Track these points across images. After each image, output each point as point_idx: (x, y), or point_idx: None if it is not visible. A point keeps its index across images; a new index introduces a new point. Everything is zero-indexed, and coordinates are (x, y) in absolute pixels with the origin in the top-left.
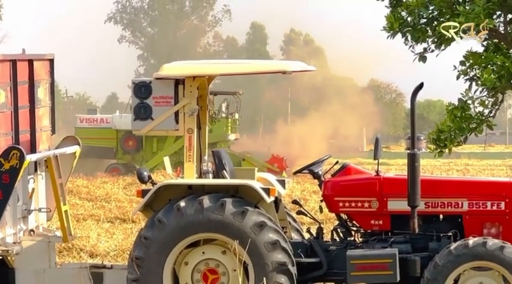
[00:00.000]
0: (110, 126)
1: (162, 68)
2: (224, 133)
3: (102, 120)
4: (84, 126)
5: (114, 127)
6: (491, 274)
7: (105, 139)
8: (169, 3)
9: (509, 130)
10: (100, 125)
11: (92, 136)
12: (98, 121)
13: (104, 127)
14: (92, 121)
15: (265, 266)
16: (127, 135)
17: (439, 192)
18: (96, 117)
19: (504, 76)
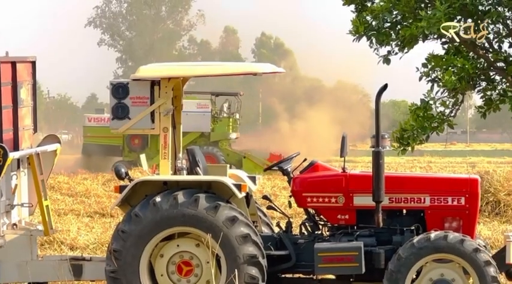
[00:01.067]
0: None
1: (139, 69)
2: (226, 132)
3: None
4: (92, 124)
5: None
6: (451, 266)
7: (112, 138)
8: (146, 9)
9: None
10: (107, 124)
11: (100, 134)
12: (105, 120)
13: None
14: (100, 120)
15: (237, 259)
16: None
17: (402, 187)
18: (103, 116)
19: (464, 78)
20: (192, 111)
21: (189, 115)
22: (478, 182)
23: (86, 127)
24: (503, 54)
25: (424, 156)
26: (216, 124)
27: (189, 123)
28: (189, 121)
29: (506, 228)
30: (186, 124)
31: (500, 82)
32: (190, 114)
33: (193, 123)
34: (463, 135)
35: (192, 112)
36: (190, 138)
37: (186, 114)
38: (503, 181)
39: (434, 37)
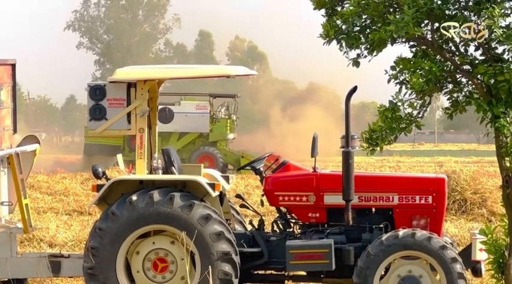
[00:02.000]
0: None
1: (116, 72)
2: (224, 132)
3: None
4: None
5: None
6: (419, 262)
7: (112, 138)
8: (123, 13)
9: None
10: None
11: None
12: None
13: None
14: None
15: (211, 256)
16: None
17: (371, 186)
18: None
19: (431, 80)
20: (191, 112)
21: (188, 116)
22: (444, 181)
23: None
24: (469, 57)
25: (393, 155)
26: (215, 125)
27: (188, 123)
28: (188, 122)
29: (472, 226)
30: (185, 125)
31: (467, 84)
32: (190, 115)
33: (192, 123)
34: (431, 136)
35: (191, 113)
36: (189, 138)
37: (185, 115)
38: (469, 180)
39: (403, 40)
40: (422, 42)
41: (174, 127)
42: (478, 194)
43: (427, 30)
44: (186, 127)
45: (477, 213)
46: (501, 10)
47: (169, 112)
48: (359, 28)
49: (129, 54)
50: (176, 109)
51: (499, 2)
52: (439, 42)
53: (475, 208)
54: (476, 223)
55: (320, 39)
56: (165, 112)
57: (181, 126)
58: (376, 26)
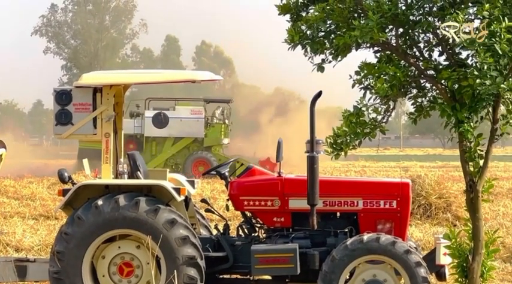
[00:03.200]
0: None
1: (82, 77)
2: (218, 137)
3: None
4: None
5: None
6: (383, 267)
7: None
8: (90, 18)
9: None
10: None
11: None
12: None
13: None
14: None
15: (176, 260)
16: (128, 138)
17: (336, 191)
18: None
19: (396, 86)
20: (186, 117)
21: (183, 121)
22: (409, 186)
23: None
24: (433, 63)
25: (359, 160)
26: (209, 130)
27: (183, 128)
28: (183, 127)
29: (436, 230)
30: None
31: (431, 89)
32: (185, 120)
33: (187, 128)
34: (396, 140)
35: (186, 118)
36: (184, 143)
37: (180, 119)
38: (434, 185)
39: (367, 46)
40: (387, 47)
41: (169, 132)
42: (442, 198)
43: (392, 36)
44: (180, 132)
45: (442, 218)
46: (465, 16)
47: (164, 117)
48: (324, 33)
49: (96, 59)
50: (171, 114)
51: (463, 8)
52: (404, 48)
53: (440, 213)
54: (440, 228)
55: (285, 44)
56: (160, 117)
57: (176, 131)
58: (341, 31)
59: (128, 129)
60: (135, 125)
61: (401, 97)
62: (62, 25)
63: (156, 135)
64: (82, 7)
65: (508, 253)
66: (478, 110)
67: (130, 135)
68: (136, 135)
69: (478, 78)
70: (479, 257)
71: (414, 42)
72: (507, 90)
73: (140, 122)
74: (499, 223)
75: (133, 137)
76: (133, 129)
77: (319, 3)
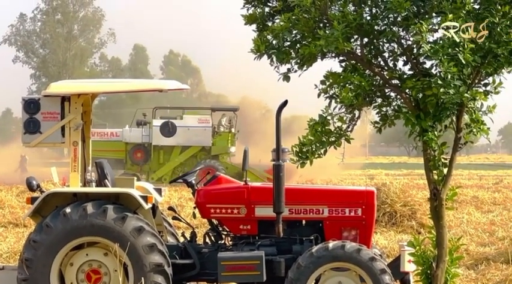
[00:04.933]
0: (119, 139)
1: (50, 86)
2: (226, 146)
3: (112, 133)
4: (95, 139)
5: (124, 140)
6: (349, 274)
7: (115, 151)
8: (59, 27)
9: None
10: (110, 138)
11: (103, 148)
12: (108, 134)
13: (114, 140)
14: (103, 135)
15: (144, 267)
16: (136, 147)
17: (302, 199)
18: (106, 130)
19: (361, 95)
20: (193, 126)
21: (191, 130)
22: (374, 194)
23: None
24: (398, 72)
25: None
26: (216, 138)
27: (190, 137)
28: (191, 135)
29: (401, 238)
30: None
31: (395, 98)
32: (192, 129)
33: (194, 137)
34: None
35: (193, 127)
36: (191, 151)
37: (187, 128)
38: (399, 193)
39: (332, 55)
40: (352, 57)
41: (177, 141)
42: (407, 206)
43: (357, 45)
44: (188, 141)
45: (407, 225)
46: (429, 26)
47: (171, 126)
48: (289, 43)
49: (64, 68)
50: (178, 123)
51: (427, 18)
52: (368, 57)
53: (405, 220)
54: (405, 235)
55: (251, 53)
56: (167, 126)
57: (183, 140)
58: (307, 41)
59: (135, 138)
60: (143, 134)
61: (366, 106)
62: (30, 34)
63: (164, 143)
64: (51, 16)
65: (472, 260)
66: (442, 119)
67: (138, 143)
68: (144, 143)
69: (442, 87)
70: (443, 264)
71: (379, 52)
72: (470, 99)
73: (148, 131)
74: (463, 231)
75: (141, 146)
76: (141, 138)
77: (285, 13)
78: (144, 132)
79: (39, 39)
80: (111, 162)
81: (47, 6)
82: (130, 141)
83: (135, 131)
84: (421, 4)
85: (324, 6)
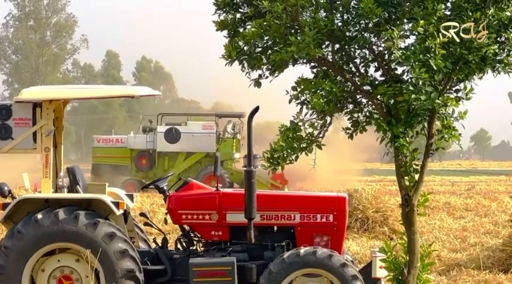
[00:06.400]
0: (124, 146)
1: (21, 92)
2: (230, 152)
3: (117, 140)
4: (100, 145)
5: (129, 147)
6: (320, 280)
7: (120, 158)
8: (31, 33)
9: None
10: (116, 145)
11: (108, 155)
12: (113, 141)
13: (119, 146)
14: (108, 141)
15: (115, 273)
16: (140, 153)
17: (273, 205)
18: (112, 137)
19: (332, 101)
20: (197, 132)
21: (195, 136)
22: (345, 200)
23: (95, 148)
24: (369, 78)
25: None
26: (221, 144)
27: (194, 143)
28: (195, 142)
29: (373, 244)
30: (193, 144)
31: (367, 104)
32: (196, 135)
33: (198, 144)
34: None
35: (197, 133)
36: (196, 158)
37: (192, 135)
38: (371, 199)
39: (304, 61)
40: (323, 63)
41: (181, 147)
42: (379, 212)
43: (328, 51)
44: (192, 147)
45: (379, 231)
46: (400, 32)
47: (176, 133)
48: (261, 49)
49: (37, 74)
50: (183, 130)
51: (398, 24)
52: (340, 63)
53: (377, 226)
54: (377, 241)
55: (222, 59)
56: (172, 133)
57: (188, 146)
58: (278, 47)
59: (140, 144)
60: (148, 140)
61: (338, 113)
62: (3, 40)
63: (169, 150)
64: (23, 23)
65: (444, 266)
66: (414, 125)
67: (143, 150)
68: (149, 150)
69: (414, 93)
70: (415, 270)
71: (350, 58)
72: (442, 105)
73: (152, 137)
74: (435, 237)
75: (146, 152)
76: (146, 144)
77: (257, 20)
78: (148, 139)
79: (12, 45)
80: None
81: (19, 12)
82: (135, 148)
83: (139, 137)
84: (393, 10)
85: (295, 13)
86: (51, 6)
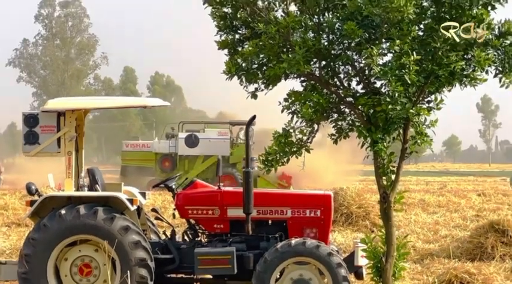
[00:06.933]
0: (150, 150)
1: (47, 102)
2: (242, 155)
3: (143, 145)
4: (129, 149)
5: (154, 151)
6: (309, 267)
7: (146, 161)
8: (58, 51)
9: None
10: (142, 149)
11: (135, 158)
12: (140, 146)
13: (145, 150)
14: (136, 146)
15: (129, 262)
16: (164, 157)
17: (268, 202)
18: (138, 142)
19: (319, 111)
20: (214, 138)
21: (212, 141)
22: (331, 197)
23: (124, 152)
24: (352, 91)
25: None
26: (234, 149)
27: (211, 148)
28: (211, 146)
29: (357, 236)
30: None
31: (349, 114)
32: (213, 141)
33: (214, 148)
34: None
35: (214, 139)
36: (212, 160)
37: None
38: (355, 196)
39: (294, 76)
40: (312, 77)
41: (199, 151)
42: (362, 208)
43: (316, 68)
44: (209, 151)
45: (361, 225)
46: (379, 50)
47: (195, 138)
48: (257, 65)
49: (63, 87)
50: (201, 136)
51: (377, 44)
52: (326, 78)
53: (360, 220)
54: (360, 234)
55: (223, 75)
56: (191, 138)
57: (205, 150)
58: (272, 64)
59: (163, 149)
60: (170, 145)
61: (324, 121)
62: (33, 57)
63: (188, 153)
64: (51, 41)
65: (418, 256)
66: (390, 132)
67: (166, 154)
68: (171, 153)
69: (390, 104)
70: (392, 259)
71: (335, 73)
72: (415, 115)
73: (174, 143)
74: (411, 230)
75: (169, 156)
76: (169, 148)
77: (253, 40)
78: (171, 144)
79: (40, 62)
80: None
81: (47, 32)
82: (159, 151)
83: (163, 143)
84: (372, 31)
85: (287, 34)
86: (75, 27)
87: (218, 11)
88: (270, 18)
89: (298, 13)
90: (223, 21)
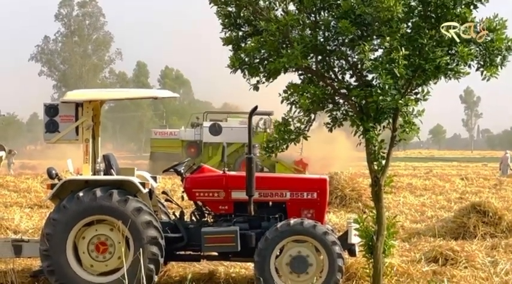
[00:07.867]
0: (177, 137)
1: (66, 94)
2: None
3: (171, 132)
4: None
5: (180, 138)
6: (306, 245)
7: (173, 147)
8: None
9: None
10: (169, 137)
11: (163, 145)
12: (168, 133)
13: (172, 138)
14: (164, 134)
15: (142, 240)
16: (190, 144)
17: (269, 185)
18: (166, 130)
19: (315, 101)
20: (235, 126)
21: (233, 130)
22: (326, 181)
23: (153, 139)
24: (345, 83)
25: None
26: (254, 137)
27: (233, 136)
28: (233, 134)
29: (350, 216)
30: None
31: (343, 104)
32: (234, 129)
33: (236, 136)
34: None
35: (235, 127)
36: (234, 147)
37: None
38: (348, 180)
39: (293, 70)
40: (309, 71)
41: (222, 139)
42: (355, 191)
43: (313, 62)
44: (231, 139)
45: (354, 206)
46: (370, 46)
47: (218, 127)
48: (258, 60)
49: (80, 80)
50: (224, 125)
51: (369, 40)
52: (322, 71)
53: (353, 202)
54: (353, 214)
55: (228, 68)
56: (215, 127)
57: (227, 138)
58: (272, 59)
59: (189, 136)
60: (196, 133)
61: (320, 111)
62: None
63: (212, 141)
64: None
65: (406, 234)
66: (381, 121)
67: (192, 141)
68: (196, 141)
69: (381, 95)
70: (382, 237)
71: (330, 67)
72: (404, 105)
73: (199, 131)
74: (400, 211)
75: (194, 143)
76: (194, 136)
77: (255, 36)
78: (196, 132)
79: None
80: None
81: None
82: (185, 139)
83: (189, 131)
84: (364, 29)
85: (286, 31)
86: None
87: (223, 10)
88: (270, 16)
89: (297, 12)
90: (227, 19)
